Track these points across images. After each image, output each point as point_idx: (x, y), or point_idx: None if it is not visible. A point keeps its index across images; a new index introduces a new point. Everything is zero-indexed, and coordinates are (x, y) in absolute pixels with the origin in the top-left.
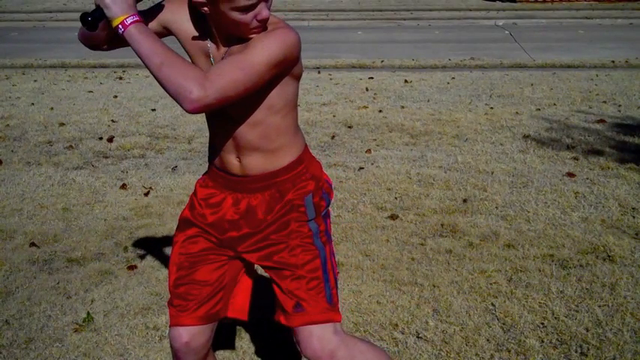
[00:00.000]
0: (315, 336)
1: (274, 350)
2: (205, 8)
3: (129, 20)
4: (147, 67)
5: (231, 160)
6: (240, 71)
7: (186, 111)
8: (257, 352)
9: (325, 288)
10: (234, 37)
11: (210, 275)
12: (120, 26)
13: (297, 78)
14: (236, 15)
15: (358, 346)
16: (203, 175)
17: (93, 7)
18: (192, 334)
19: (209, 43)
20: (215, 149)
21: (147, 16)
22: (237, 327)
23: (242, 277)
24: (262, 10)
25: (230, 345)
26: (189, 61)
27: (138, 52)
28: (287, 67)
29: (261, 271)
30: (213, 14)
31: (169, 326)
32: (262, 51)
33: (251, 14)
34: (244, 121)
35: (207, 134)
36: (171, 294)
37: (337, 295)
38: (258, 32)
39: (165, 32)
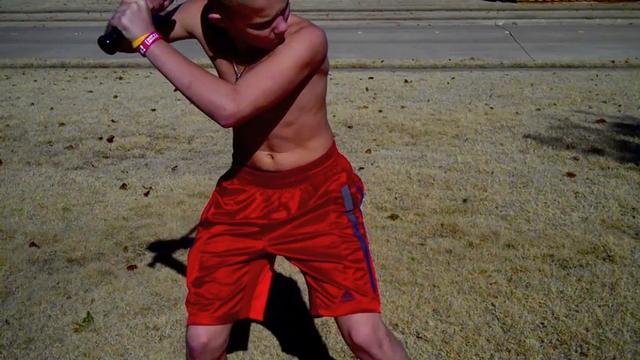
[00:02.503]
0: (364, 324)
1: (274, 350)
2: (222, 24)
3: (149, 40)
4: (175, 86)
5: (263, 158)
6: (270, 79)
7: (222, 126)
8: (257, 352)
9: (370, 278)
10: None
11: (231, 276)
12: (141, 47)
13: (326, 73)
14: (253, 31)
15: (396, 339)
16: (226, 173)
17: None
18: (211, 334)
19: (231, 49)
20: (244, 147)
21: (164, 27)
22: (236, 327)
23: (264, 278)
24: (279, 24)
25: (230, 345)
26: (215, 73)
27: (163, 72)
28: (316, 67)
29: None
30: (231, 29)
31: (187, 325)
32: (290, 56)
33: (268, 29)
34: (277, 123)
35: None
36: (191, 292)
37: (378, 286)
38: (277, 44)
39: (187, 35)
